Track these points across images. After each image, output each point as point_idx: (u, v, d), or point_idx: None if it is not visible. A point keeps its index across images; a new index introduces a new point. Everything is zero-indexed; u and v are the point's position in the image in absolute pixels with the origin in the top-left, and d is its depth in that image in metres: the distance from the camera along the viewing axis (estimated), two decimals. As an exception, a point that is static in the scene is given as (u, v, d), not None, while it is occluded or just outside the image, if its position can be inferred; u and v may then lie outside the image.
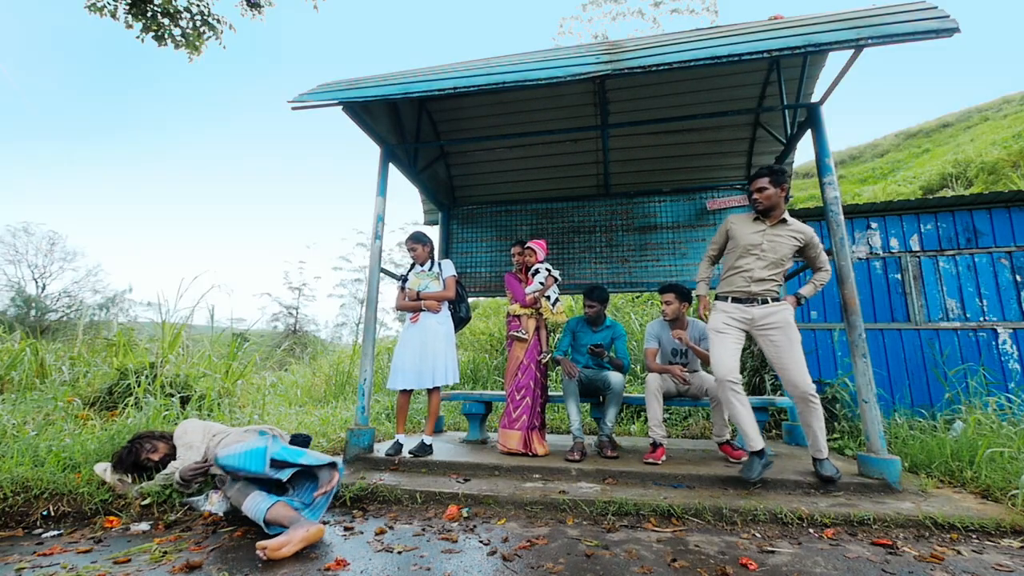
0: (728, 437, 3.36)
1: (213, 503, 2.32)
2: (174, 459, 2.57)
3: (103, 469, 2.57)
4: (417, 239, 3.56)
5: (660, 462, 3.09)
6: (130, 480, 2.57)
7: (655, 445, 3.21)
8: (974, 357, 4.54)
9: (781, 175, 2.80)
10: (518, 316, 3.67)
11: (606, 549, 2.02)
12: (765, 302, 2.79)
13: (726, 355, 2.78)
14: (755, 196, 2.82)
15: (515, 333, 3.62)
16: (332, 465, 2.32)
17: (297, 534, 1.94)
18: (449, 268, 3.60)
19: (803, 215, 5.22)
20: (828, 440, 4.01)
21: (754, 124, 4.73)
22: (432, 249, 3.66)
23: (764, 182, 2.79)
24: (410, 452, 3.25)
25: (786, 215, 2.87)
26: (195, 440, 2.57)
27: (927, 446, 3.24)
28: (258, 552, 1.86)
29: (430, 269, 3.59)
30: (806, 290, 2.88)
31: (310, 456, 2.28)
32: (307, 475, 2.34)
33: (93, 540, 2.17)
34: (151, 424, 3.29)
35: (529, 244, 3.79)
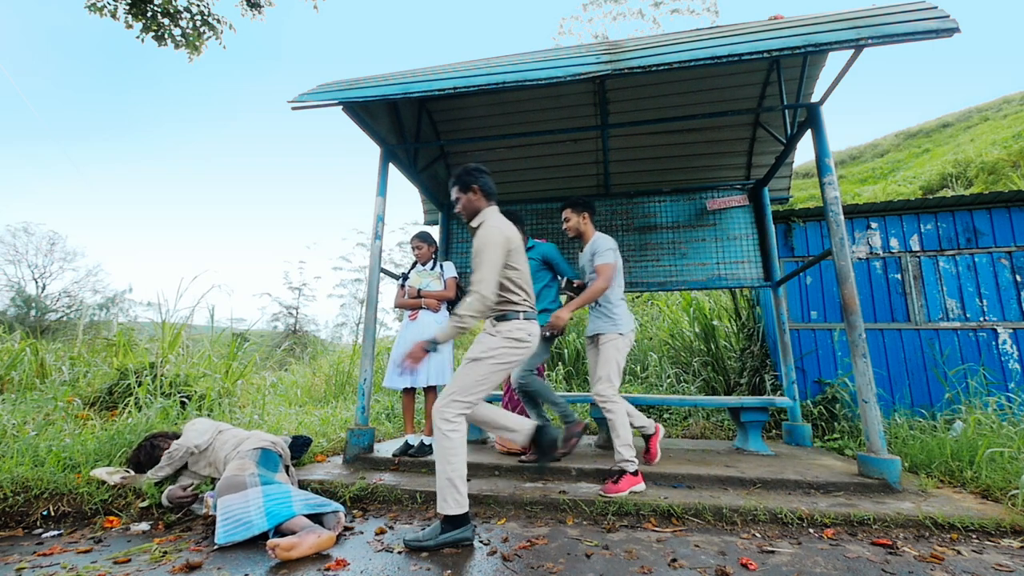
0: (651, 431, 3.07)
1: (210, 506, 2.32)
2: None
3: (101, 472, 2.58)
4: (423, 238, 3.60)
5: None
6: (133, 474, 2.61)
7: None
8: (974, 357, 4.54)
9: (466, 176, 2.40)
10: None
11: (606, 549, 2.02)
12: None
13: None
14: (456, 211, 2.50)
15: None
16: (336, 512, 2.27)
17: (308, 539, 1.94)
18: (451, 269, 3.62)
19: (803, 215, 5.22)
20: (829, 440, 4.03)
21: (754, 124, 4.73)
22: (436, 251, 3.68)
23: (455, 192, 2.41)
24: (409, 453, 3.25)
25: (479, 216, 2.39)
26: (205, 428, 2.65)
27: (927, 446, 3.24)
28: (268, 551, 1.86)
29: (432, 269, 3.60)
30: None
31: (309, 505, 2.22)
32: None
33: (93, 540, 2.17)
34: (154, 424, 3.29)
35: (529, 244, 3.79)
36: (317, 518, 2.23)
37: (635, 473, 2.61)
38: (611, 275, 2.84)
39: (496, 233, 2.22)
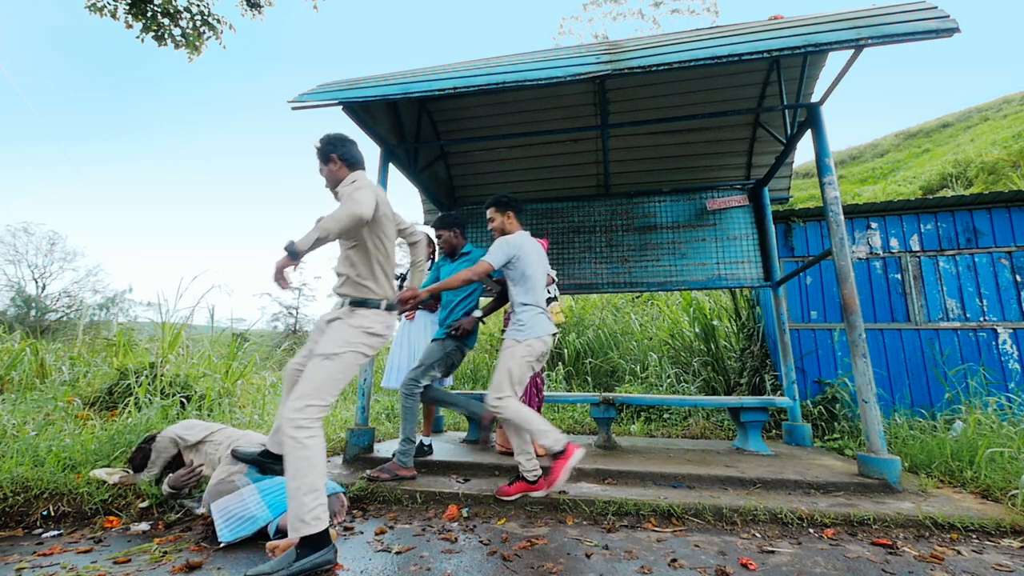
0: (559, 448, 2.51)
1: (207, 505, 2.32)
2: (179, 458, 2.61)
3: (101, 473, 2.58)
4: None
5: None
6: (131, 473, 2.61)
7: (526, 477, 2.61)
8: (974, 357, 4.54)
9: (326, 146, 2.20)
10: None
11: (606, 549, 2.02)
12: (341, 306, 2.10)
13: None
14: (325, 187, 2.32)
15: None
16: (335, 494, 2.30)
17: None
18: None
19: (803, 215, 5.22)
20: (829, 440, 4.03)
21: (754, 124, 4.73)
22: (434, 249, 3.66)
23: (319, 166, 2.25)
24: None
25: (344, 181, 2.13)
26: (198, 424, 2.65)
27: (927, 446, 3.24)
28: (268, 553, 1.86)
29: (430, 268, 3.58)
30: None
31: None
32: None
33: (93, 540, 2.17)
34: (154, 424, 3.29)
35: (529, 243, 3.79)
36: None
37: (533, 482, 2.49)
38: (480, 271, 2.57)
39: (369, 187, 2.01)
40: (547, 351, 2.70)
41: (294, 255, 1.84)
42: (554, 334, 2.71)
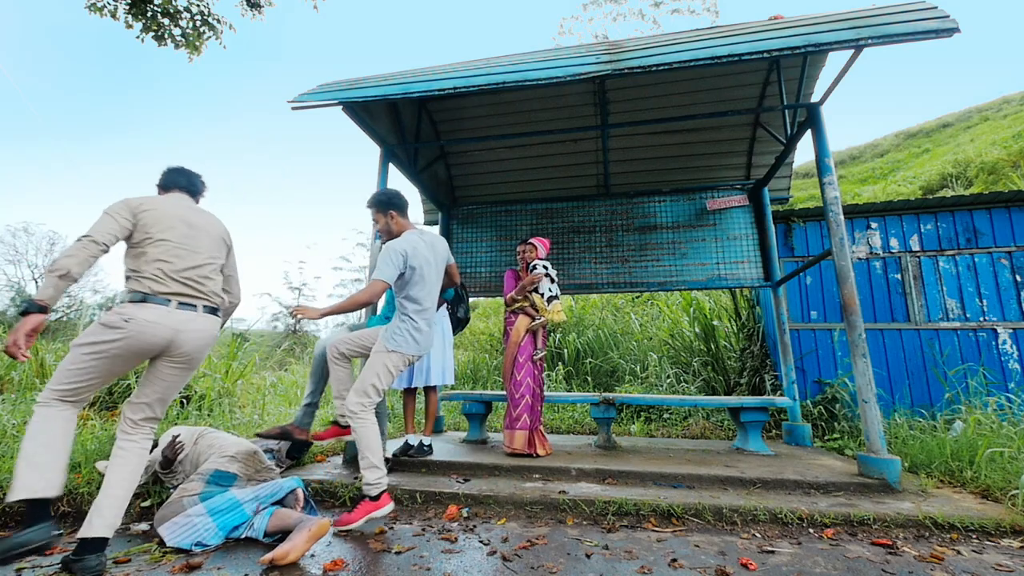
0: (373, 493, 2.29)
1: None
2: (173, 462, 2.60)
3: (104, 466, 2.58)
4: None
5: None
6: None
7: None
8: (974, 357, 4.55)
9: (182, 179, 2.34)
10: (516, 312, 3.66)
11: (606, 549, 2.02)
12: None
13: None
14: None
15: (536, 323, 3.58)
16: (292, 491, 2.30)
17: (299, 539, 1.90)
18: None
19: (803, 215, 5.22)
20: (829, 440, 4.03)
21: (754, 124, 4.73)
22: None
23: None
24: (409, 453, 3.25)
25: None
26: (184, 429, 2.68)
27: (927, 446, 3.24)
28: (264, 564, 1.84)
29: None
30: None
31: (262, 499, 2.22)
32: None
33: (93, 540, 2.16)
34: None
35: (531, 240, 3.79)
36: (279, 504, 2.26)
37: (376, 498, 2.24)
38: (377, 291, 2.37)
39: (135, 198, 2.09)
40: (414, 361, 2.57)
41: (41, 310, 1.83)
42: (419, 356, 2.54)
